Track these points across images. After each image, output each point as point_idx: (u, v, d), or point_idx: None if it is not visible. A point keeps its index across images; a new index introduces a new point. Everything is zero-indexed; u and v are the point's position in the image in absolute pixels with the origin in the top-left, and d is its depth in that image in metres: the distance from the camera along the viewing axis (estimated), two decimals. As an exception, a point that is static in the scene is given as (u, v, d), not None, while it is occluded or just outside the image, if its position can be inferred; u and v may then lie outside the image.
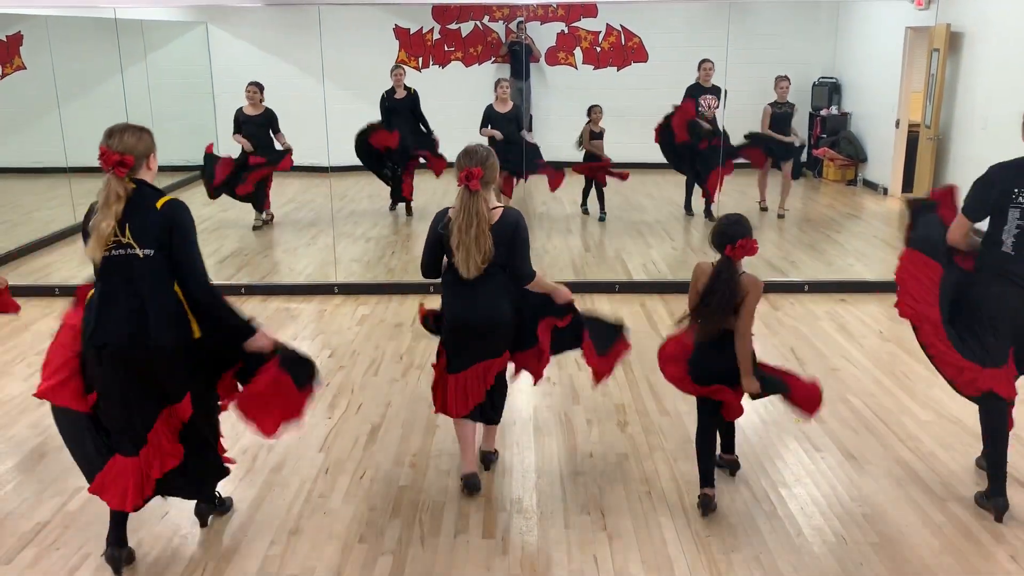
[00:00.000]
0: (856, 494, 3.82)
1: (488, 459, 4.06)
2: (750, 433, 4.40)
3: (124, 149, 3.07)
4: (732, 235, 3.49)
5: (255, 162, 8.39)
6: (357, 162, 8.98)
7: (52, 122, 8.76)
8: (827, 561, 3.33)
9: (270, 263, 7.84)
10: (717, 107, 8.59)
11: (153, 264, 3.08)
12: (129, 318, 3.07)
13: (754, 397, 3.61)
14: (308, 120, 8.19)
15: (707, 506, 3.66)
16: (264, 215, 8.83)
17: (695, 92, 8.72)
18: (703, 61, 8.66)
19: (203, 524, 3.60)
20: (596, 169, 8.94)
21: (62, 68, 8.88)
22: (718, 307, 3.51)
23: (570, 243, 8.30)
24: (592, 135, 8.90)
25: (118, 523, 3.31)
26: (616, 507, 3.72)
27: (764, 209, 9.27)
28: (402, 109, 8.99)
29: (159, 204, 3.10)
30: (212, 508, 3.64)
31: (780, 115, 8.98)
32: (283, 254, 8.18)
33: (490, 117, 8.58)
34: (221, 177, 8.36)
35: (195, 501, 3.61)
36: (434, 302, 3.98)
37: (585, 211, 9.27)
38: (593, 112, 8.92)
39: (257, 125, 8.45)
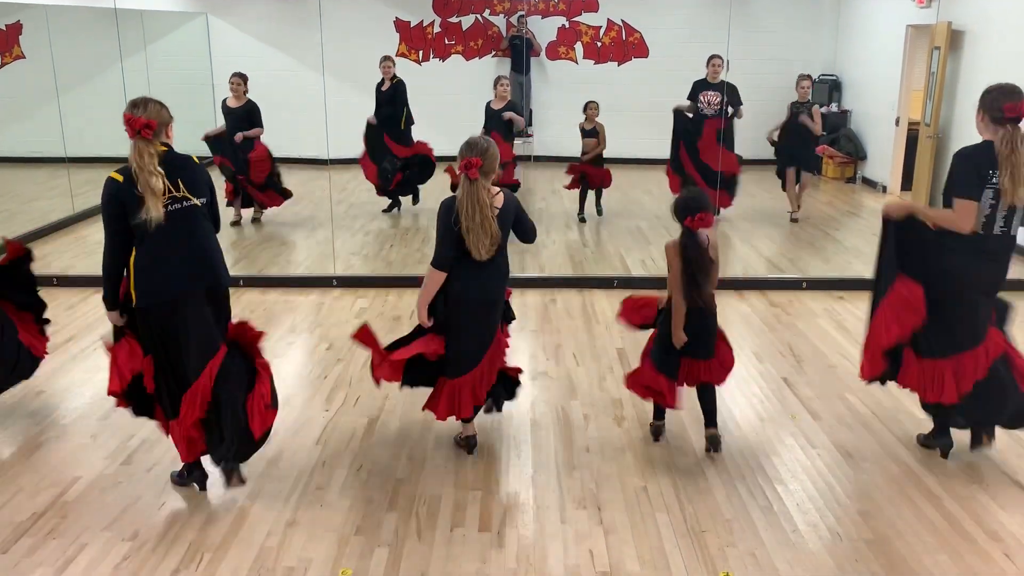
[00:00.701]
0: (852, 491, 3.83)
1: (472, 441, 4.15)
2: (747, 429, 4.41)
3: (149, 116, 3.40)
4: (693, 208, 3.85)
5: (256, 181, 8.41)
6: (356, 155, 8.97)
7: (51, 112, 8.74)
8: (822, 557, 3.34)
9: (268, 255, 7.83)
10: (719, 104, 8.49)
11: (201, 213, 3.55)
12: (199, 263, 3.55)
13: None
14: (308, 112, 8.20)
15: (659, 433, 4.26)
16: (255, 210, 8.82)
17: (698, 88, 8.65)
18: (712, 57, 8.53)
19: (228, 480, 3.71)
20: (584, 175, 8.80)
21: (61, 58, 8.86)
22: (694, 274, 3.89)
23: (569, 238, 8.30)
24: (583, 132, 8.69)
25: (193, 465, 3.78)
26: (612, 502, 3.73)
27: (795, 220, 8.96)
28: (384, 101, 8.83)
29: (197, 161, 3.60)
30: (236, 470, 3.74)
31: (797, 115, 8.74)
32: (281, 246, 8.17)
33: (486, 114, 8.53)
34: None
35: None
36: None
37: (582, 220, 8.97)
38: (587, 109, 8.68)
39: (238, 118, 8.30)
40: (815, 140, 8.91)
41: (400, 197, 9.16)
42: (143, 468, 4.00)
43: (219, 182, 8.56)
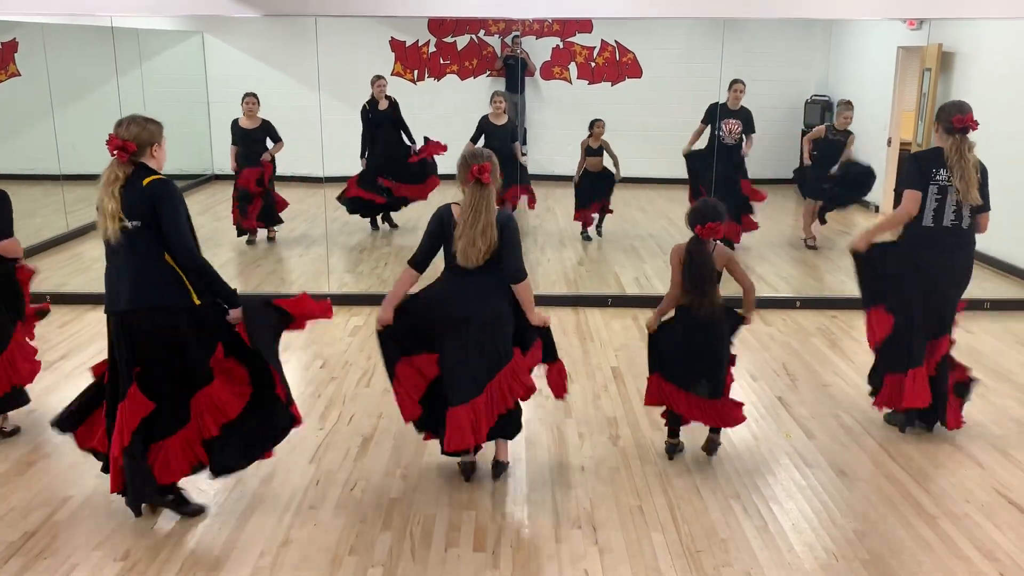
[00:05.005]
0: (847, 510, 3.83)
1: (499, 469, 4.06)
2: (742, 449, 4.41)
3: (128, 137, 3.42)
4: (705, 216, 3.95)
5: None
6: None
7: (46, 129, 8.73)
8: (818, 577, 3.34)
9: (262, 273, 7.82)
10: (740, 131, 8.33)
11: (140, 235, 3.41)
12: (129, 285, 3.45)
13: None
14: (303, 130, 8.22)
15: (673, 451, 4.27)
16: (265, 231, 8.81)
17: (719, 115, 8.29)
18: (734, 82, 8.32)
19: (137, 514, 3.69)
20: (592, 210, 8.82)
21: (57, 75, 8.87)
22: (699, 279, 3.98)
23: (564, 256, 8.31)
24: (589, 151, 8.69)
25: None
26: (607, 521, 3.71)
27: (812, 247, 8.69)
28: (384, 120, 8.86)
29: (145, 182, 3.43)
30: (165, 502, 3.70)
31: (832, 142, 8.46)
32: (276, 264, 8.17)
33: (485, 129, 8.56)
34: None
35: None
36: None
37: (587, 238, 8.95)
38: (594, 127, 8.64)
39: (255, 140, 8.33)
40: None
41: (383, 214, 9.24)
42: (135, 487, 3.96)
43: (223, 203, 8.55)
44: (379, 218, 9.23)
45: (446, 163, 8.84)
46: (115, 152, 3.40)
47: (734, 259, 4.12)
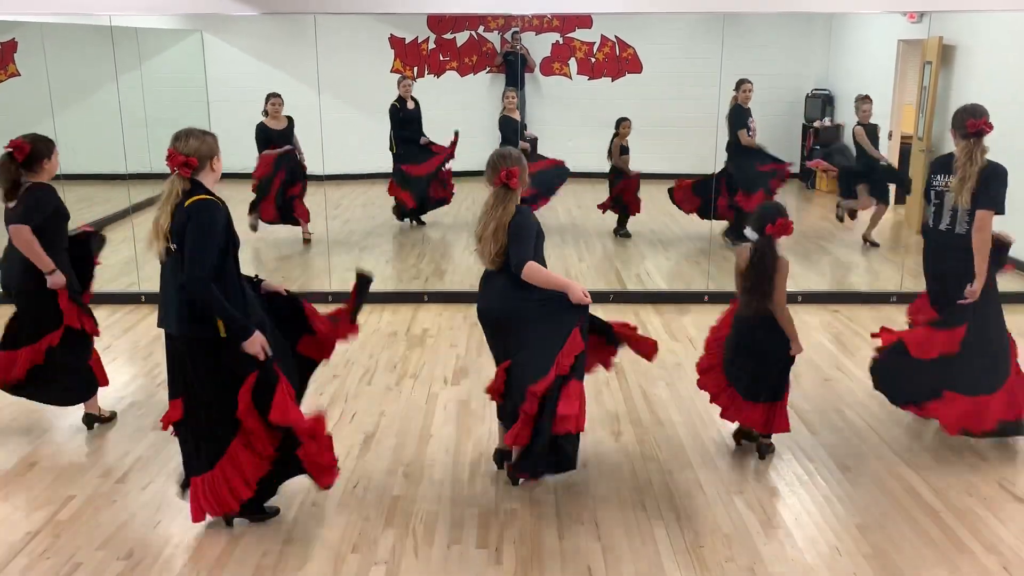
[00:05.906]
0: (850, 505, 3.83)
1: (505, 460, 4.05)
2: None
3: (189, 152, 3.33)
4: (772, 216, 3.96)
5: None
6: (352, 171, 8.98)
7: (46, 129, 8.62)
8: (821, 572, 3.33)
9: (263, 272, 7.79)
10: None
11: (177, 259, 3.32)
12: (165, 306, 3.43)
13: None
14: (303, 129, 8.22)
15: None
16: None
17: (746, 116, 8.28)
18: (743, 81, 8.29)
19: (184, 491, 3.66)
20: (624, 200, 8.81)
21: (57, 75, 8.85)
22: (758, 282, 3.99)
23: (564, 253, 8.30)
24: (623, 150, 8.65)
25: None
26: (610, 517, 3.71)
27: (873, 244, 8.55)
28: (412, 120, 8.95)
29: (187, 203, 3.30)
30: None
31: (869, 134, 8.47)
32: (276, 262, 8.16)
33: (512, 127, 8.46)
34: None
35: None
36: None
37: (626, 235, 8.89)
38: (621, 126, 8.64)
39: (286, 139, 8.25)
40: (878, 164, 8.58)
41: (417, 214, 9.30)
42: (138, 486, 3.97)
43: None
44: (409, 220, 9.27)
45: (460, 162, 8.90)
46: (177, 168, 3.30)
47: (784, 271, 4.03)
